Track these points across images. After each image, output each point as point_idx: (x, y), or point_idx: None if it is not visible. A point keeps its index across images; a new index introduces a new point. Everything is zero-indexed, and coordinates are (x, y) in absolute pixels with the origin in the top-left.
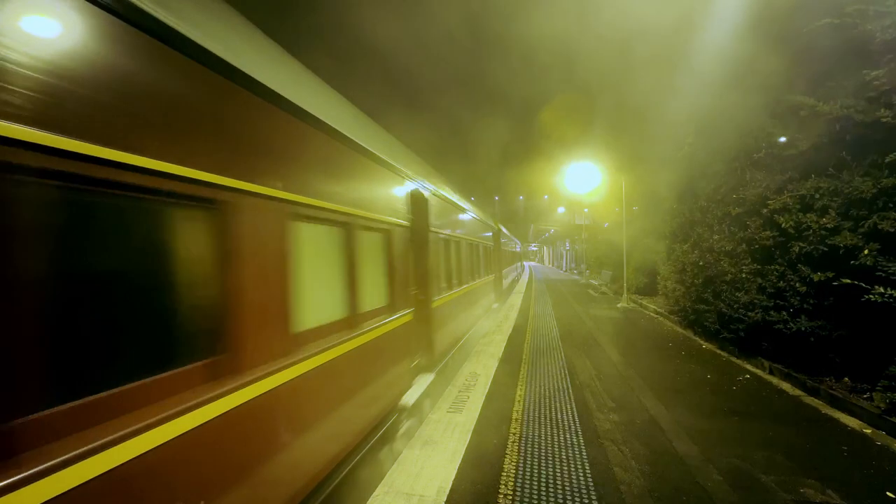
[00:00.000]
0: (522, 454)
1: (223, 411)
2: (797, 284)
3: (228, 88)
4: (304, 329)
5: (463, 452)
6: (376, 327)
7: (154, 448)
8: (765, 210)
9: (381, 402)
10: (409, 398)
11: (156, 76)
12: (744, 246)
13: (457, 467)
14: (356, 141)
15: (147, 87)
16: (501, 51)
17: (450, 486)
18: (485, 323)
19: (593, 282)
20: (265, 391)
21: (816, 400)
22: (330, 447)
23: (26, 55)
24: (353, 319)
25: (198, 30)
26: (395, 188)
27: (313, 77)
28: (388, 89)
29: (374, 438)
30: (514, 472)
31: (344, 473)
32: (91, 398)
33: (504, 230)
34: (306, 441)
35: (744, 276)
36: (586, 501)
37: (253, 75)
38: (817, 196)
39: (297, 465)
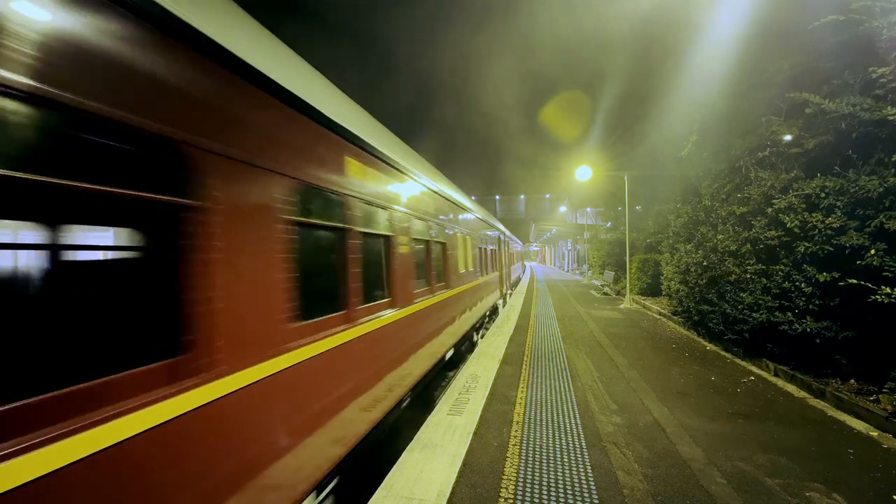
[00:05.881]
0: (523, 457)
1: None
2: (802, 285)
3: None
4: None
5: (463, 456)
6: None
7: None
8: (770, 209)
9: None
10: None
11: None
12: (748, 246)
13: (457, 471)
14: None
15: None
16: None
17: (450, 489)
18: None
19: (595, 282)
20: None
21: (822, 402)
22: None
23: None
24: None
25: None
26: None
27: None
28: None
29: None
30: (514, 475)
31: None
32: None
33: (506, 231)
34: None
35: (748, 276)
36: None
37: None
38: (823, 195)
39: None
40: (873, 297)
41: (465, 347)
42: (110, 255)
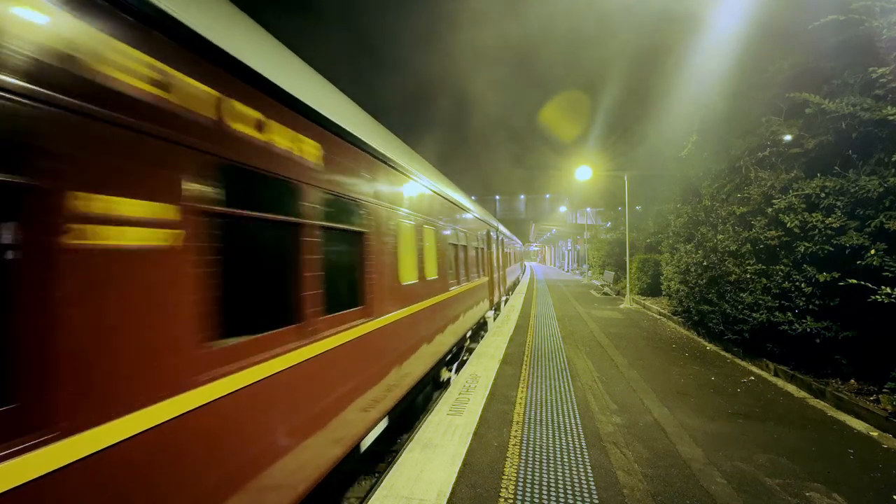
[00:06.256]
0: (523, 457)
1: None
2: (802, 285)
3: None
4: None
5: (463, 456)
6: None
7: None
8: (770, 209)
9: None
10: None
11: None
12: (748, 246)
13: (457, 471)
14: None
15: None
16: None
17: (450, 489)
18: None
19: (595, 282)
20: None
21: (822, 402)
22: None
23: None
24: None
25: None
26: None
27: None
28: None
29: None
30: (514, 475)
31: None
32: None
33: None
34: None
35: (748, 276)
36: None
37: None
38: (823, 195)
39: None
40: (873, 297)
41: (422, 398)
42: None
